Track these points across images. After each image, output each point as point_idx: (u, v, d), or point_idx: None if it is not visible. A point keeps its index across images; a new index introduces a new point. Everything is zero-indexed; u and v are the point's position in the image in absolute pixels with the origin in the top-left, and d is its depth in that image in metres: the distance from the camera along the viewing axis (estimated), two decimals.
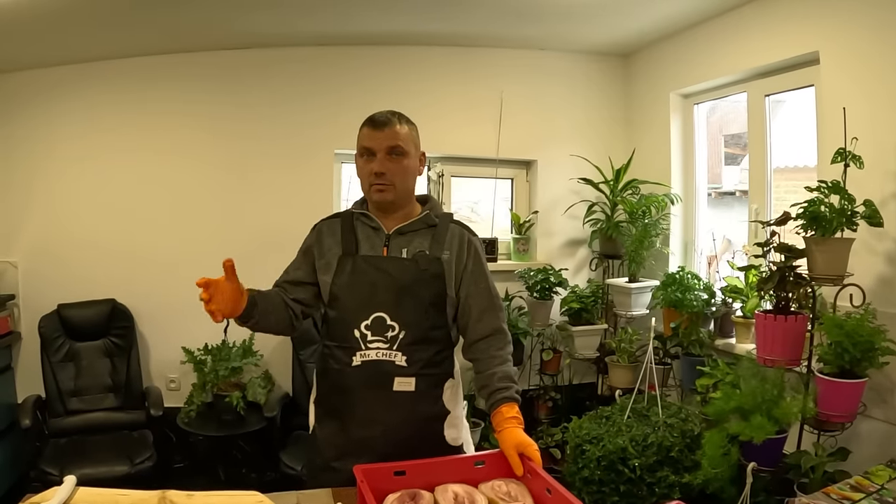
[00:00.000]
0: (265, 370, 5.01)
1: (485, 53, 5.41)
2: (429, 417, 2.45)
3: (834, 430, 3.12)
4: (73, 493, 1.80)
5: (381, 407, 2.36)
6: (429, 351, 2.41)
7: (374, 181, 2.39)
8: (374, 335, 2.34)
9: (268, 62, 5.17)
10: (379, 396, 2.35)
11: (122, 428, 4.70)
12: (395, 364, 2.35)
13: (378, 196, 2.41)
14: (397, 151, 2.39)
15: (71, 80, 5.00)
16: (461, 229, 2.57)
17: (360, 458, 2.21)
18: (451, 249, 2.49)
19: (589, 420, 3.72)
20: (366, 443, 2.34)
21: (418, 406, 2.40)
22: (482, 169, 5.59)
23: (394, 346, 2.35)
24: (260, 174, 5.18)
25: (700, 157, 5.11)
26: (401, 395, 2.36)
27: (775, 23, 4.04)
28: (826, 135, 3.64)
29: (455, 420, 2.54)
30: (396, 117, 2.44)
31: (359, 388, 2.35)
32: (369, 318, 2.35)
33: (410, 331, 2.36)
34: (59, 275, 5.01)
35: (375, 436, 2.35)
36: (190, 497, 1.85)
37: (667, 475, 3.30)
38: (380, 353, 2.34)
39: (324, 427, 2.47)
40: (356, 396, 2.36)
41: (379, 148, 2.38)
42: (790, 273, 3.22)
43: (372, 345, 2.34)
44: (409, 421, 2.39)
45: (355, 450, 2.32)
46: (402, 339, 2.35)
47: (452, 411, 2.52)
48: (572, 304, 5.12)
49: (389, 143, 2.38)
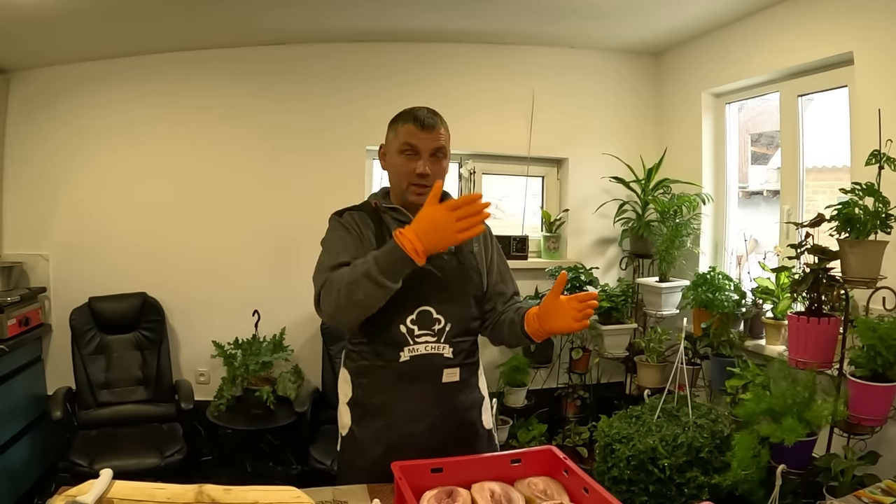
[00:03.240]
0: (295, 365, 5.05)
1: (516, 51, 5.41)
2: (470, 406, 2.50)
3: (864, 434, 3.10)
4: (109, 487, 1.82)
5: (430, 400, 2.38)
6: (468, 341, 2.47)
7: (417, 181, 2.36)
8: (420, 329, 2.35)
9: (299, 58, 5.20)
10: (428, 390, 2.38)
11: (152, 421, 4.74)
12: (444, 356, 2.38)
13: (415, 198, 2.38)
14: (441, 153, 2.40)
15: (101, 75, 5.03)
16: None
17: (408, 453, 2.22)
18: (479, 242, 2.56)
19: (619, 419, 3.72)
20: (412, 437, 2.36)
21: (461, 396, 2.45)
22: (513, 166, 5.59)
23: (441, 338, 2.37)
24: (291, 170, 5.20)
25: (731, 156, 5.09)
26: (447, 386, 2.39)
27: (809, 22, 4.02)
28: (860, 136, 3.62)
29: (487, 405, 2.61)
30: (439, 118, 2.43)
31: (407, 383, 2.36)
32: (414, 313, 2.34)
33: (455, 323, 2.39)
34: (89, 268, 5.04)
35: (423, 430, 2.37)
36: (227, 491, 1.84)
37: (696, 476, 3.30)
38: (429, 347, 2.36)
39: (365, 427, 2.43)
40: (405, 391, 2.37)
41: (425, 148, 2.36)
42: (823, 275, 3.21)
43: (420, 339, 2.35)
44: (455, 411, 2.44)
45: (402, 445, 2.34)
46: (448, 331, 2.38)
47: (486, 397, 2.60)
48: (602, 303, 5.11)
49: (435, 144, 2.37)
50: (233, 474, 4.80)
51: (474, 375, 2.53)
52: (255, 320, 4.84)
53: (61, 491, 1.83)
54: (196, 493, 1.80)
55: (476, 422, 2.53)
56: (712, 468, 3.32)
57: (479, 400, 2.55)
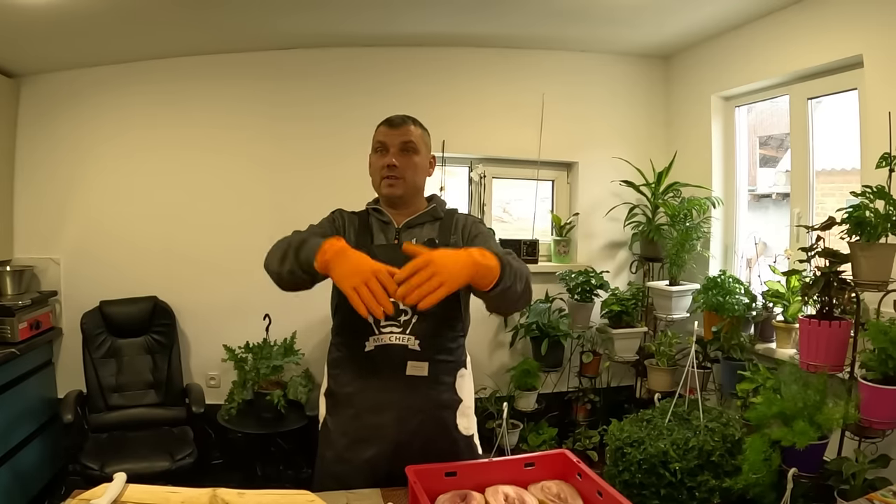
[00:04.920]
0: (306, 369, 5.05)
1: (526, 55, 5.43)
2: (442, 404, 2.47)
3: (875, 437, 3.10)
4: (123, 490, 1.82)
5: (394, 391, 2.38)
6: (443, 337, 2.46)
7: (386, 174, 2.50)
8: (387, 319, 2.36)
9: (309, 62, 5.22)
10: (392, 381, 2.38)
11: (163, 424, 4.74)
12: (408, 348, 2.37)
13: (388, 190, 2.52)
14: (409, 148, 2.52)
15: (111, 80, 5.05)
16: (464, 216, 2.65)
17: (373, 445, 2.29)
18: (458, 233, 2.57)
19: (630, 423, 3.71)
20: (379, 429, 2.36)
21: (431, 392, 2.43)
22: (523, 170, 5.60)
23: (407, 329, 2.38)
24: (302, 174, 5.22)
25: (741, 160, 5.09)
26: (413, 379, 2.39)
27: (818, 26, 4.02)
28: (870, 139, 3.62)
29: (466, 409, 2.57)
30: (410, 120, 2.58)
31: (372, 373, 2.38)
32: None
33: (423, 315, 2.38)
34: (100, 272, 5.06)
35: (388, 422, 2.36)
36: (241, 496, 1.84)
37: (707, 479, 3.29)
38: (393, 338, 2.37)
39: (336, 417, 2.47)
40: (369, 381, 2.39)
41: (392, 143, 2.51)
42: (834, 278, 3.21)
43: (385, 329, 2.37)
44: (423, 407, 2.41)
45: (368, 437, 2.36)
46: (414, 322, 2.38)
47: (465, 400, 2.56)
48: (613, 306, 5.12)
49: (403, 138, 2.52)
50: (243, 478, 4.80)
51: (449, 376, 2.50)
52: (266, 324, 4.84)
53: (75, 494, 1.83)
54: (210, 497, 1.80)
55: (449, 424, 2.49)
56: (723, 472, 3.31)
57: (455, 402, 2.52)
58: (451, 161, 5.43)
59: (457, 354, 2.53)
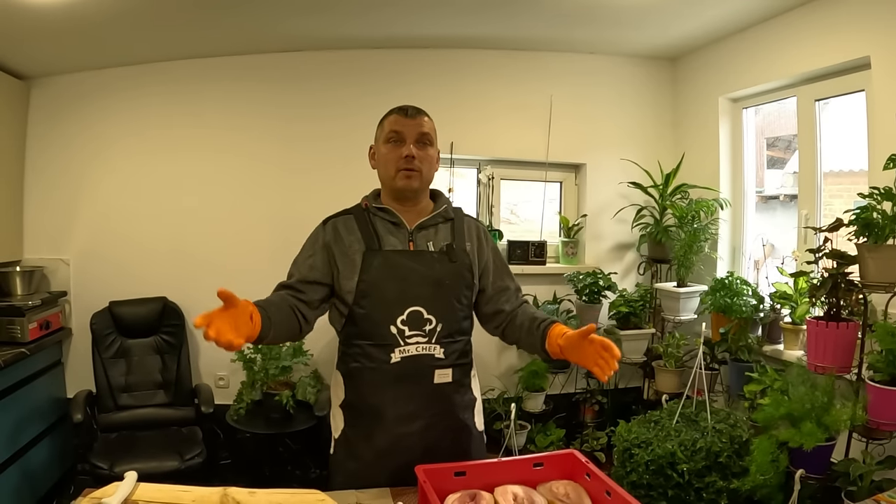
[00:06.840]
0: (314, 369, 5.04)
1: (534, 57, 5.43)
2: (464, 406, 2.50)
3: (883, 439, 3.09)
4: (134, 489, 1.83)
5: (422, 401, 2.38)
6: (461, 341, 2.46)
7: (404, 165, 2.41)
8: (411, 330, 2.35)
9: (316, 64, 5.22)
10: (420, 391, 2.37)
11: (172, 424, 4.74)
12: (435, 357, 2.37)
13: (405, 182, 2.43)
14: (426, 140, 2.46)
15: (120, 82, 5.06)
16: (474, 221, 2.65)
17: (400, 455, 2.28)
18: (472, 241, 2.55)
19: (638, 424, 3.72)
20: (405, 440, 2.36)
21: (455, 396, 2.45)
22: (531, 172, 5.60)
23: (432, 339, 2.37)
24: (310, 176, 5.22)
25: (749, 161, 5.09)
26: (440, 387, 2.39)
27: (826, 27, 4.02)
28: (877, 140, 3.62)
29: (480, 407, 2.61)
30: (423, 112, 2.53)
31: (399, 385, 2.35)
32: (405, 313, 2.34)
33: (446, 323, 2.39)
34: (110, 272, 5.06)
35: (415, 432, 2.37)
36: (252, 495, 1.85)
37: (715, 480, 3.30)
38: (419, 348, 2.35)
39: (358, 428, 2.44)
40: (397, 393, 2.36)
41: (410, 134, 2.44)
42: (842, 279, 3.21)
43: (411, 339, 2.35)
44: (448, 412, 2.43)
45: (397, 447, 2.35)
46: (439, 331, 2.37)
47: (478, 398, 2.60)
48: (620, 307, 5.12)
49: (420, 129, 2.45)
50: (251, 478, 4.79)
51: (467, 377, 2.52)
52: None
53: (86, 492, 1.84)
54: (221, 496, 1.81)
55: (470, 423, 2.53)
56: (731, 473, 3.32)
57: (472, 401, 2.55)
58: (459, 163, 5.44)
59: (469, 356, 2.54)
